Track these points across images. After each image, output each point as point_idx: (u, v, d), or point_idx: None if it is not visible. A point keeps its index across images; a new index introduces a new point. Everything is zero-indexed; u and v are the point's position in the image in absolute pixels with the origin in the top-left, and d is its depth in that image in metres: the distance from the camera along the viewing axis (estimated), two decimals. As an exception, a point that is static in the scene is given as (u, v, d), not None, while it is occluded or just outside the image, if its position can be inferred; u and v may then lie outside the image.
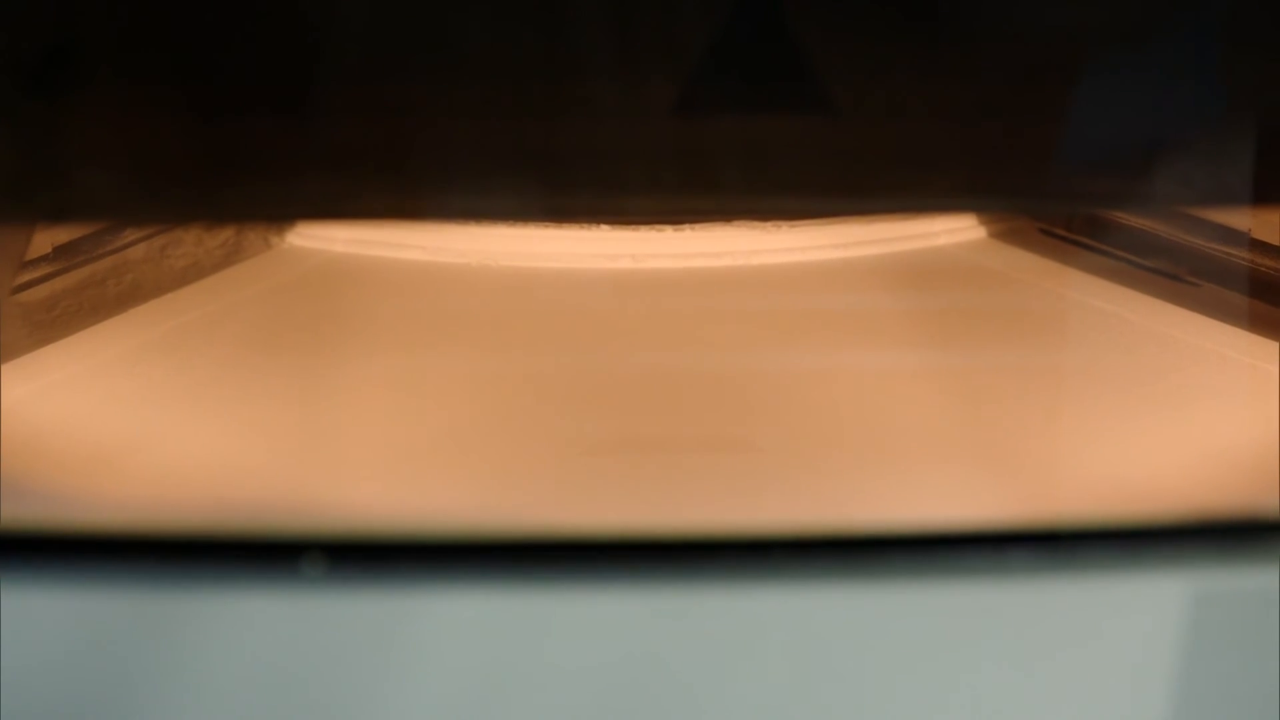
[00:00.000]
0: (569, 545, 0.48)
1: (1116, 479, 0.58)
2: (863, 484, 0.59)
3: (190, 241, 0.85)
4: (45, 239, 0.80)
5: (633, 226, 0.86)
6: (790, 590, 0.47)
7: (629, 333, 0.76)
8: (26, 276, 0.77)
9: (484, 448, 0.63)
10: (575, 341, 0.74)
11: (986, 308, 0.78)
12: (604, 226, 0.86)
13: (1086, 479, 0.59)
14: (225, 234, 0.85)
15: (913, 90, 0.58)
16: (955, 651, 0.47)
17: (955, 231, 0.89)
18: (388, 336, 0.74)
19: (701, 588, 0.47)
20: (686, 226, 0.87)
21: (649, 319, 0.78)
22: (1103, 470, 0.59)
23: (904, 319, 0.77)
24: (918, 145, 0.59)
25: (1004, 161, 0.60)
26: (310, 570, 0.47)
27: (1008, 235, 0.91)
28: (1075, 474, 0.60)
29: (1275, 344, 0.70)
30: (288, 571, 0.47)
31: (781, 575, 0.47)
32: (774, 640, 0.47)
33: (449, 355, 0.72)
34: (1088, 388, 0.68)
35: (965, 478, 0.59)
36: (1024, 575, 0.48)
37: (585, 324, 0.77)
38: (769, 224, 0.87)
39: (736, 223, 0.87)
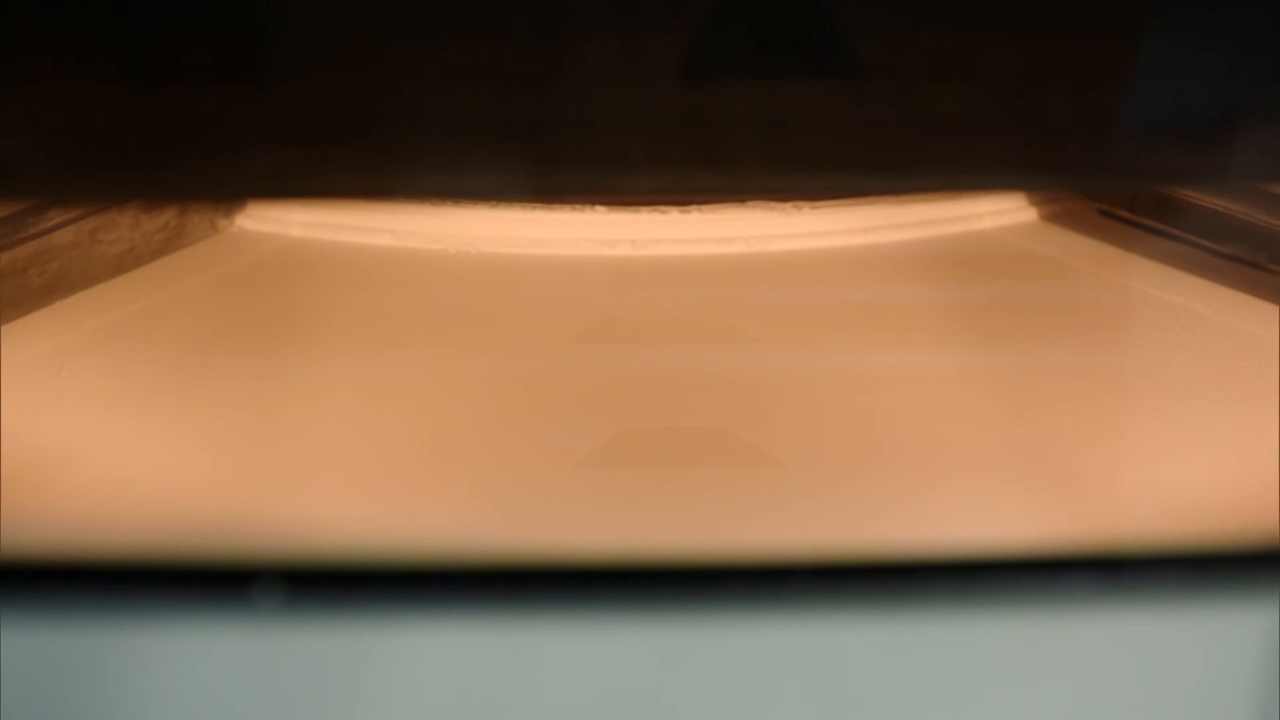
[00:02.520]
0: (561, 572, 0.48)
1: (1188, 497, 0.58)
2: (897, 503, 0.59)
3: (125, 225, 0.85)
4: (-43, 222, 0.81)
5: (633, 208, 0.86)
6: (814, 624, 0.47)
7: (628, 329, 0.76)
8: (-64, 265, 0.78)
9: (464, 460, 0.63)
10: (567, 339, 0.75)
11: (1038, 300, 0.78)
12: (600, 208, 0.86)
13: (1153, 497, 0.59)
14: (166, 216, 0.85)
15: (952, 52, 0.58)
16: (1003, 694, 0.47)
17: (1001, 213, 0.90)
18: (353, 333, 0.75)
19: (712, 621, 0.47)
20: (694, 208, 0.87)
21: (651, 313, 0.78)
22: (1172, 487, 0.59)
23: (943, 314, 0.77)
24: (958, 115, 0.59)
25: (1057, 133, 0.60)
26: (265, 601, 0.47)
27: (1062, 217, 0.91)
28: (1140, 492, 0.60)
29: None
30: (239, 602, 0.47)
31: (804, 607, 0.47)
32: (795, 681, 0.47)
33: (423, 355, 0.73)
34: (1155, 393, 0.68)
35: (1015, 496, 0.59)
36: (1082, 606, 0.48)
37: (579, 319, 0.77)
38: (788, 205, 0.88)
39: (751, 203, 0.88)
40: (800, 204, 0.87)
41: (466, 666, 0.47)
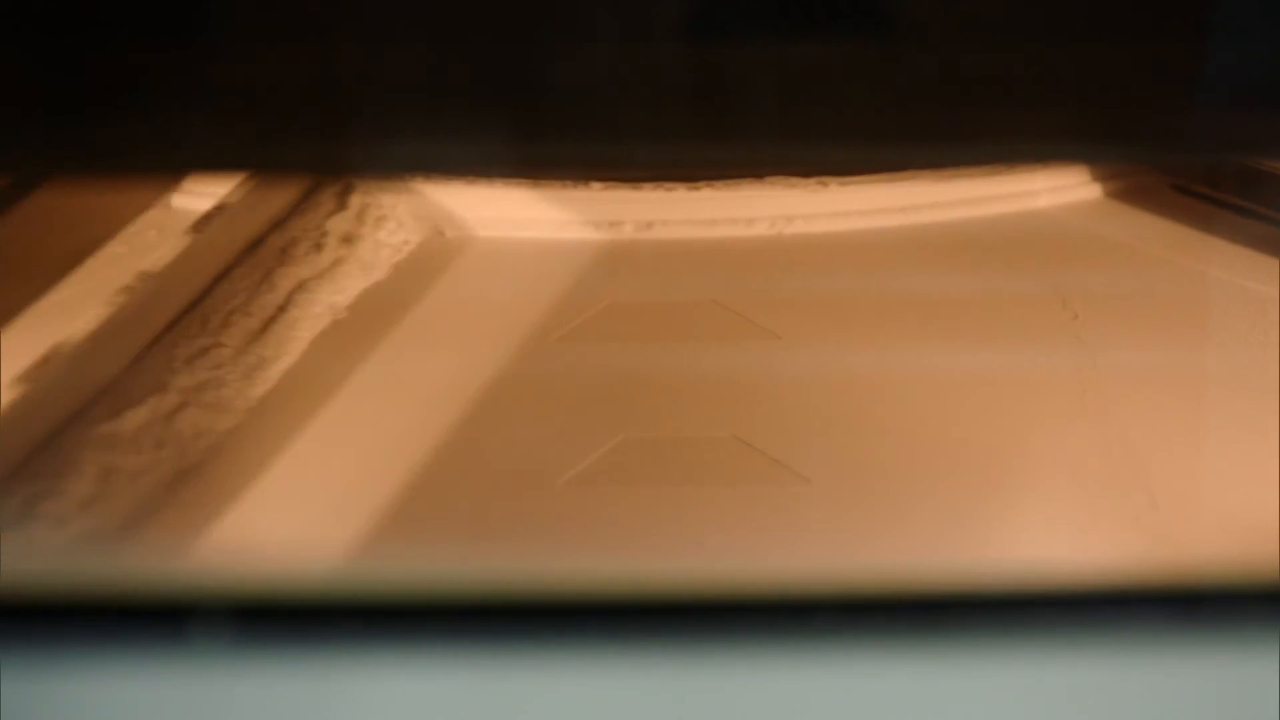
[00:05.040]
0: (551, 606, 0.48)
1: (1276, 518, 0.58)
2: (941, 526, 0.59)
3: (47, 204, 0.85)
4: None
5: (634, 185, 0.86)
6: (844, 668, 0.47)
7: (629, 324, 0.76)
8: None
9: (440, 475, 0.63)
10: (558, 335, 0.74)
11: (1103, 291, 0.78)
12: (596, 184, 0.86)
13: (1236, 519, 0.59)
14: (94, 194, 0.85)
15: (1000, 5, 0.58)
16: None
17: (1060, 190, 0.90)
18: (310, 329, 0.75)
19: (728, 662, 0.47)
20: (705, 184, 0.87)
21: (656, 306, 0.78)
22: (1258, 508, 0.59)
23: (991, 307, 0.77)
24: (1009, 76, 0.59)
25: (1124, 96, 0.60)
26: (206, 640, 0.47)
27: (1131, 194, 0.91)
28: (1222, 512, 0.60)
29: None
30: (175, 641, 0.47)
31: (833, 648, 0.47)
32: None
33: (390, 352, 0.73)
34: (1239, 398, 0.68)
35: (1078, 517, 0.59)
36: (1155, 644, 0.48)
37: (571, 312, 0.77)
38: (812, 180, 0.88)
39: (769, 179, 0.88)
40: (826, 180, 0.87)
41: (444, 714, 0.47)
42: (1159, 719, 0.47)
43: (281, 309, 0.74)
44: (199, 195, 0.87)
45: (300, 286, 0.76)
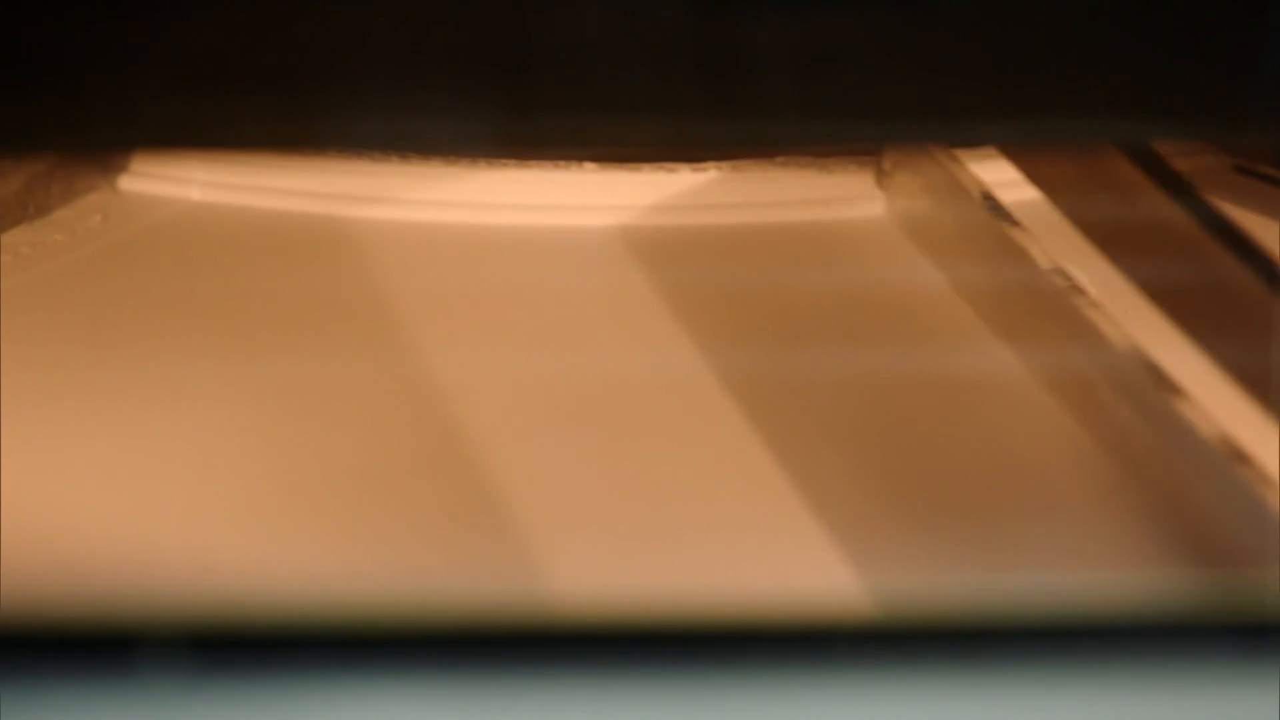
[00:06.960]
0: (544, 633, 0.48)
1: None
2: (963, 545, 0.59)
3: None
4: None
5: (633, 165, 0.86)
6: (863, 698, 0.47)
7: (625, 323, 0.76)
8: None
9: (415, 488, 0.63)
10: (544, 335, 0.74)
11: (1155, 284, 0.78)
12: (590, 165, 0.86)
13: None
14: (22, 174, 0.85)
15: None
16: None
17: (1108, 172, 0.90)
18: (270, 327, 0.75)
19: (733, 693, 0.47)
20: (711, 165, 0.87)
21: (656, 302, 0.78)
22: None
23: (1027, 301, 0.77)
24: (1049, 45, 0.59)
25: (1181, 66, 0.60)
26: (156, 672, 0.46)
27: (1187, 176, 0.91)
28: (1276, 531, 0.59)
29: None
30: (120, 672, 0.46)
31: (848, 676, 0.47)
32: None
33: (356, 354, 0.73)
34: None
35: (1116, 537, 0.59)
36: (1206, 680, 0.47)
37: (562, 310, 0.77)
38: (831, 161, 0.87)
39: (784, 160, 0.87)
40: (847, 161, 0.87)
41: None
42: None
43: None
44: (150, 178, 0.87)
45: None
